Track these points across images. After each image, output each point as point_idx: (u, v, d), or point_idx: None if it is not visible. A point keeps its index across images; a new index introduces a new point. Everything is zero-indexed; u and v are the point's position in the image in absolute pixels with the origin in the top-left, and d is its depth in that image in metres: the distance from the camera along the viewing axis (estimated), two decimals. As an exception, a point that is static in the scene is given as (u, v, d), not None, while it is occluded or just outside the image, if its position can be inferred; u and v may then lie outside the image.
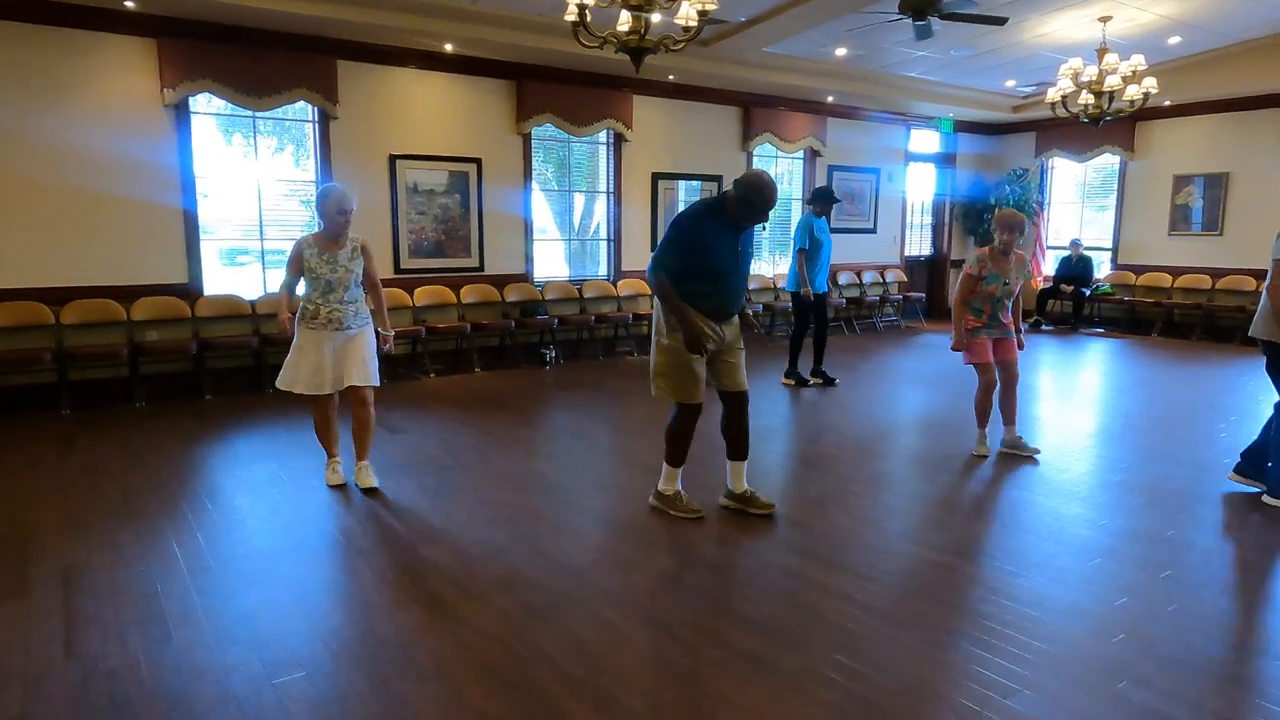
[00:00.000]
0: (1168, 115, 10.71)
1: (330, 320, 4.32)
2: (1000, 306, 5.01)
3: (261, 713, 2.42)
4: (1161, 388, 7.56)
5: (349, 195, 4.33)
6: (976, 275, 4.95)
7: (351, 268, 4.35)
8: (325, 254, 4.32)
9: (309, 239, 4.37)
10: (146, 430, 5.73)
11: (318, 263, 4.30)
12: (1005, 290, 4.97)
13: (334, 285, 4.31)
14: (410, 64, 7.75)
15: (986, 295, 4.97)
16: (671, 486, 4.12)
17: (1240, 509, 4.27)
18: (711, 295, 3.85)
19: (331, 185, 4.44)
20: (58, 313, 6.35)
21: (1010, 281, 4.97)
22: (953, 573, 3.47)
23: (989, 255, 4.96)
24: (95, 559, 3.51)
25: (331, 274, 4.30)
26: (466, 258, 8.35)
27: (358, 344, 4.40)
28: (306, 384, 4.33)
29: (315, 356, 4.32)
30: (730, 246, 3.85)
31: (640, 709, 2.46)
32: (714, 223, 3.82)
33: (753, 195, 3.75)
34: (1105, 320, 11.56)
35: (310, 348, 4.33)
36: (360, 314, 4.44)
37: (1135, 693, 2.55)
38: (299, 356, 4.35)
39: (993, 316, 5.02)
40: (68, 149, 6.34)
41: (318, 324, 4.33)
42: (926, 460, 5.18)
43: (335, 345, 4.35)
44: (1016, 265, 5.01)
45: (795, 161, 10.99)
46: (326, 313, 4.32)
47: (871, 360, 8.93)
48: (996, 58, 9.30)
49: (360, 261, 4.40)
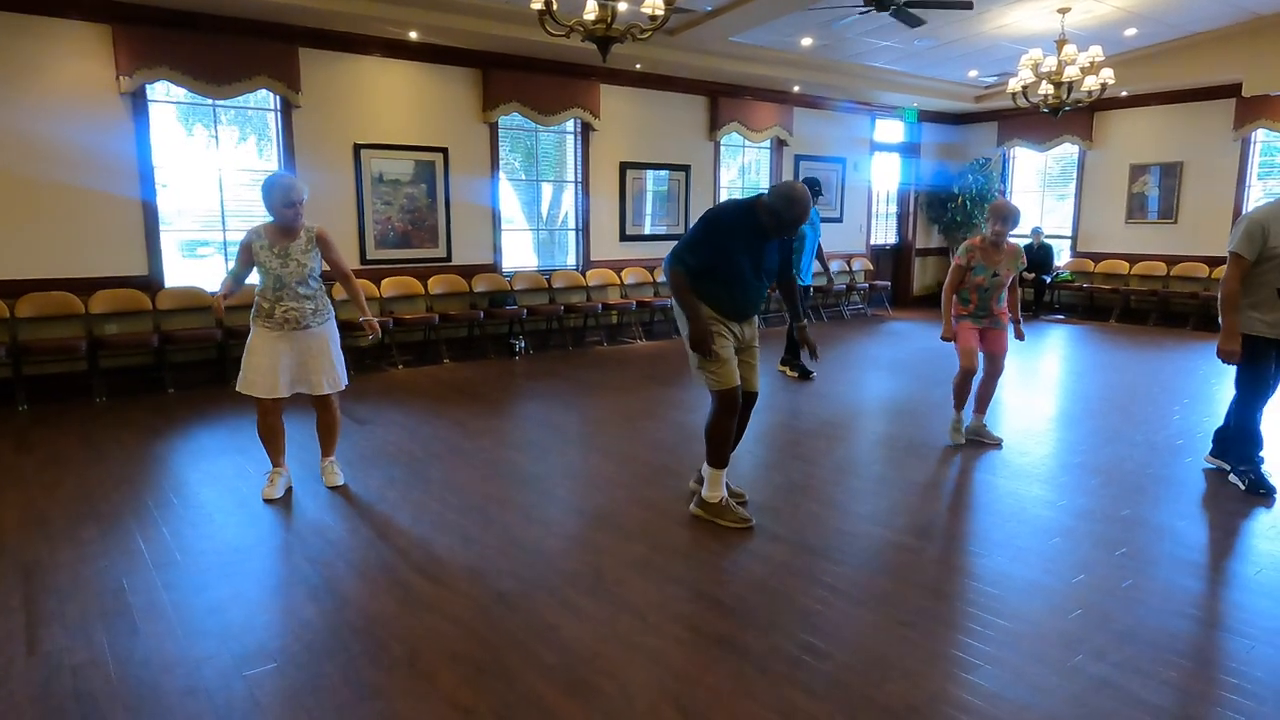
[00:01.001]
0: (1124, 106, 10.94)
1: (286, 320, 4.03)
2: (989, 297, 4.96)
3: (232, 704, 2.41)
4: (1119, 372, 7.75)
5: (297, 185, 4.01)
6: (965, 265, 4.94)
7: (306, 261, 4.03)
8: (276, 246, 4.01)
9: (260, 229, 4.07)
10: (107, 425, 5.63)
11: (267, 255, 4.00)
12: (994, 281, 4.91)
13: (285, 280, 4.00)
14: (374, 52, 7.65)
15: (974, 285, 4.95)
16: (718, 493, 3.87)
17: (1194, 488, 4.41)
18: (729, 298, 3.77)
19: (276, 176, 4.04)
20: (12, 306, 6.20)
21: (1000, 273, 4.91)
22: (917, 554, 3.55)
23: (978, 246, 4.95)
24: (57, 555, 3.45)
25: (282, 268, 4.00)
26: (434, 248, 8.29)
27: (321, 344, 4.14)
28: (261, 387, 4.05)
29: (269, 358, 4.04)
30: (756, 254, 3.75)
31: (611, 692, 2.49)
32: (744, 226, 3.72)
33: (781, 205, 3.62)
34: (1065, 307, 11.81)
35: (263, 349, 4.05)
36: (321, 310, 4.15)
37: (1091, 665, 2.63)
38: (251, 358, 4.07)
39: (981, 306, 4.99)
40: (20, 138, 6.17)
41: (273, 323, 4.04)
42: (893, 446, 5.27)
43: (295, 346, 4.08)
44: (1009, 256, 4.94)
45: (762, 151, 11.05)
46: (281, 312, 4.02)
47: (838, 348, 9.03)
48: (959, 48, 9.43)
49: (315, 253, 4.08)
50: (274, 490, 4.18)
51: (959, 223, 12.36)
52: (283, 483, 4.25)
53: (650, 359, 8.34)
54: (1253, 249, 4.08)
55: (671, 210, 10.05)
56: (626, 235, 9.72)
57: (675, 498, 4.19)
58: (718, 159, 10.37)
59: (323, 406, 4.29)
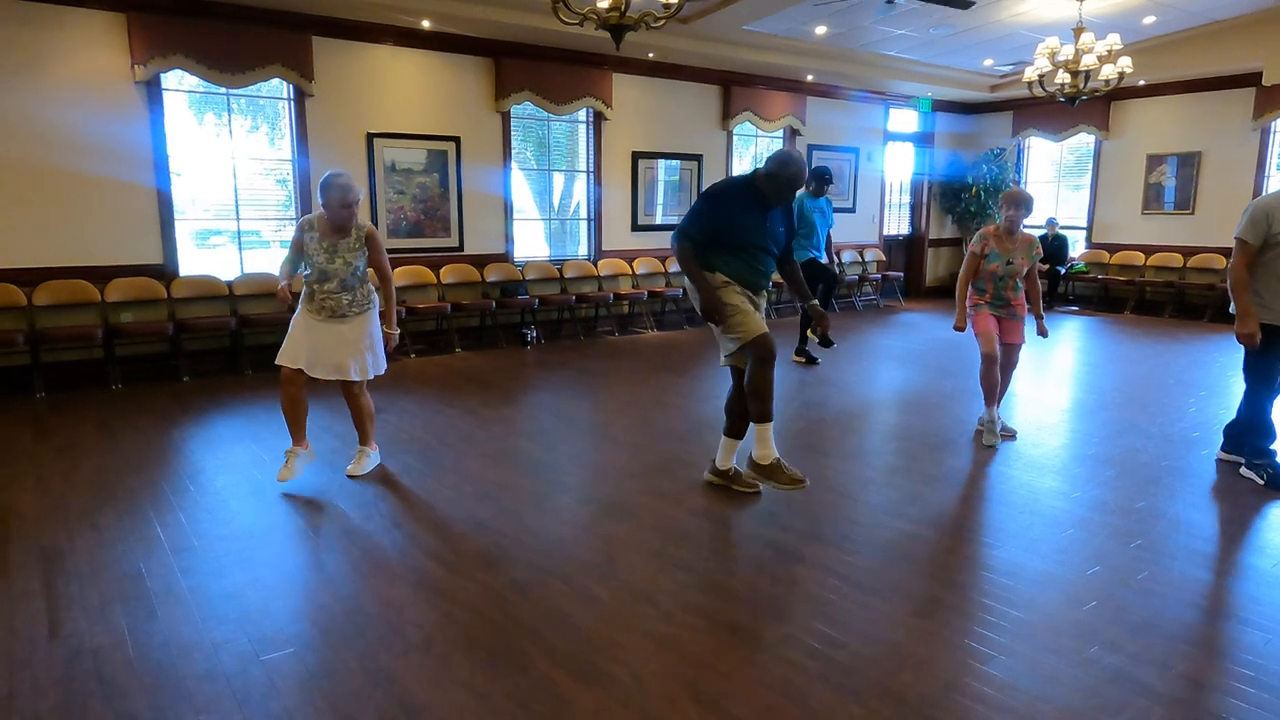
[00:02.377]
0: (1142, 95, 10.82)
1: (324, 308, 4.17)
2: (1005, 285, 4.91)
3: (250, 688, 2.44)
4: (1133, 364, 7.69)
5: (354, 186, 4.07)
6: (979, 253, 4.92)
7: (352, 260, 4.14)
8: (325, 240, 4.12)
9: (311, 220, 4.17)
10: (123, 413, 5.68)
11: (315, 249, 4.12)
12: (1008, 269, 4.87)
13: (329, 275, 4.13)
14: (387, 40, 7.65)
15: (989, 274, 4.92)
16: (770, 451, 3.85)
17: (1209, 481, 4.38)
18: (739, 264, 3.89)
19: (335, 175, 4.07)
20: (30, 294, 6.25)
21: (1015, 260, 4.87)
22: (930, 545, 3.54)
23: (992, 234, 4.92)
24: (76, 540, 3.49)
25: (329, 263, 4.11)
26: (446, 237, 8.30)
27: (356, 334, 4.23)
28: (284, 356, 4.16)
29: (302, 335, 4.18)
30: (758, 222, 3.89)
31: (624, 678, 2.50)
32: (743, 198, 3.87)
33: (775, 166, 3.80)
34: (1079, 299, 11.72)
35: (300, 326, 4.20)
36: (359, 302, 4.23)
37: (1106, 656, 2.63)
38: (290, 332, 4.21)
39: (996, 295, 4.95)
40: (36, 126, 6.21)
41: (313, 307, 4.19)
42: (905, 437, 5.25)
43: (330, 332, 4.19)
44: (1023, 245, 4.90)
45: (775, 141, 10.99)
46: (320, 299, 4.17)
47: (851, 339, 9.00)
48: (974, 36, 9.34)
49: (363, 253, 4.18)
50: (289, 471, 4.18)
51: (973, 213, 12.28)
52: (299, 463, 4.25)
53: (662, 349, 8.34)
54: (1257, 235, 4.12)
55: (683, 200, 10.02)
56: (638, 225, 9.70)
57: (687, 487, 4.19)
58: (730, 149, 10.32)
59: (349, 394, 4.34)
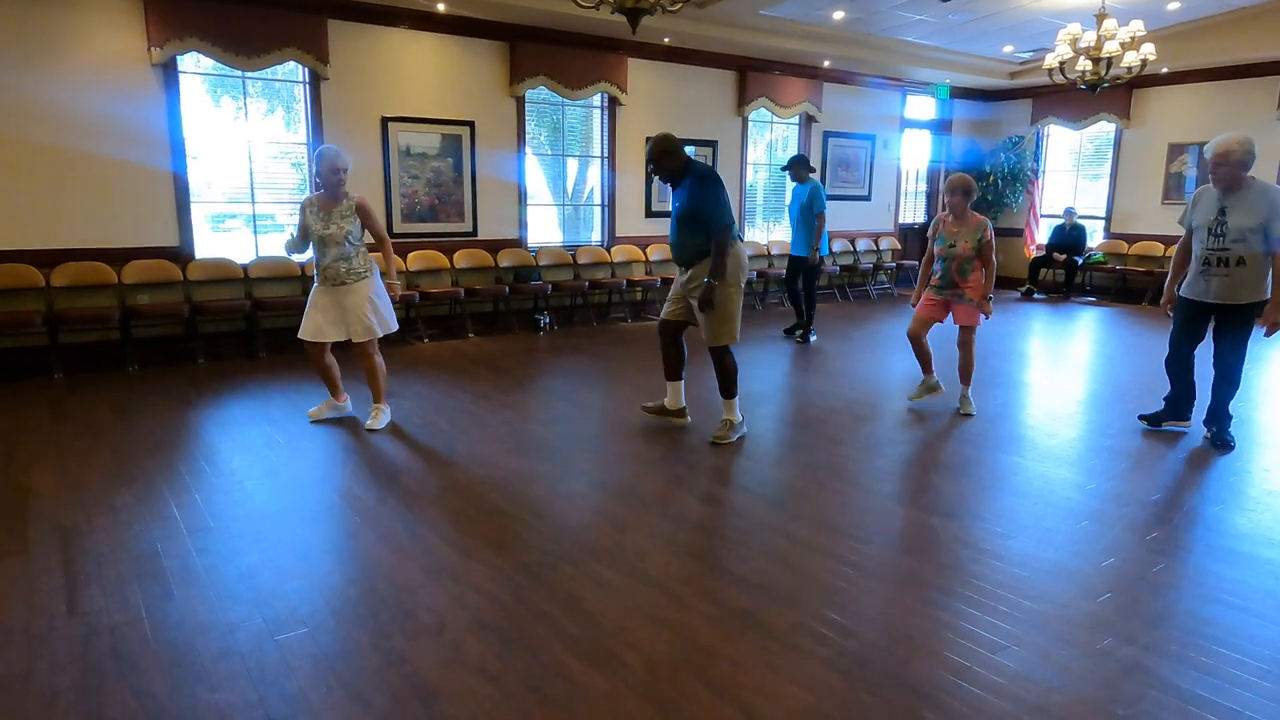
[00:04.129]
0: (1164, 83, 10.65)
1: (327, 276, 4.71)
2: (949, 267, 5.22)
3: (265, 667, 2.46)
4: (1150, 355, 7.61)
5: (342, 154, 4.66)
6: (930, 237, 5.35)
7: (345, 225, 4.64)
8: (322, 211, 4.66)
9: (312, 198, 4.73)
10: (140, 394, 5.72)
11: (313, 219, 4.65)
12: (951, 252, 5.18)
13: (327, 241, 4.63)
14: (402, 24, 7.62)
15: (935, 256, 5.30)
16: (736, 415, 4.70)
17: (1226, 474, 4.34)
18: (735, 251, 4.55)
19: (325, 147, 4.71)
20: (48, 275, 6.30)
21: (958, 245, 5.15)
22: (943, 534, 3.53)
23: (941, 218, 5.30)
24: (94, 520, 3.53)
25: (324, 229, 4.63)
26: (460, 222, 8.30)
27: (358, 298, 4.73)
28: (305, 330, 4.76)
29: (316, 308, 4.75)
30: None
31: (635, 663, 2.51)
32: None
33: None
34: (1097, 289, 11.61)
35: (314, 300, 4.77)
36: (357, 269, 4.73)
37: (1121, 648, 2.61)
38: (308, 309, 4.79)
39: (943, 276, 5.27)
40: (53, 109, 6.24)
41: (320, 278, 4.74)
42: (917, 425, 5.23)
43: (336, 300, 4.73)
44: (969, 229, 5.15)
45: (791, 127, 10.91)
46: (323, 267, 4.71)
47: (865, 327, 8.95)
48: (995, 22, 9.21)
49: (354, 220, 4.69)
50: (319, 412, 4.95)
51: (990, 202, 12.15)
52: (330, 411, 4.98)
53: (674, 336, 8.31)
54: (1185, 220, 4.89)
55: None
56: (652, 211, 9.66)
57: (698, 473, 4.19)
58: (745, 135, 10.25)
59: (360, 353, 4.87)
